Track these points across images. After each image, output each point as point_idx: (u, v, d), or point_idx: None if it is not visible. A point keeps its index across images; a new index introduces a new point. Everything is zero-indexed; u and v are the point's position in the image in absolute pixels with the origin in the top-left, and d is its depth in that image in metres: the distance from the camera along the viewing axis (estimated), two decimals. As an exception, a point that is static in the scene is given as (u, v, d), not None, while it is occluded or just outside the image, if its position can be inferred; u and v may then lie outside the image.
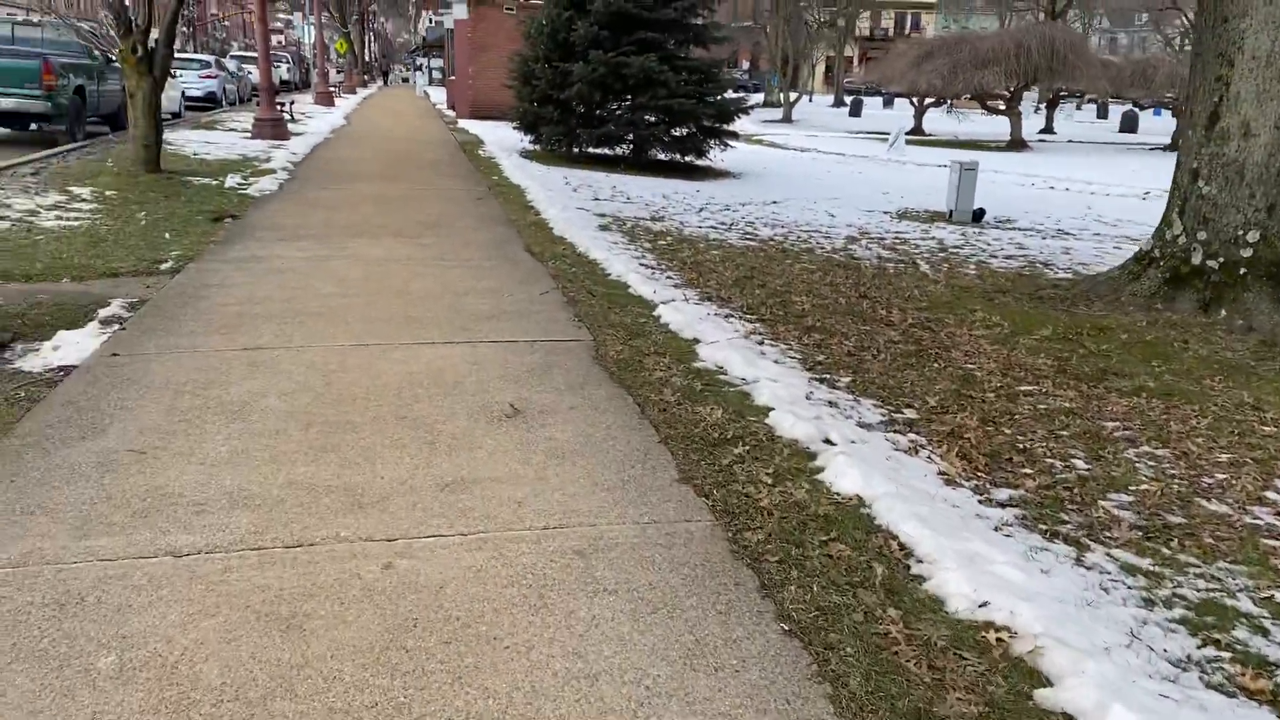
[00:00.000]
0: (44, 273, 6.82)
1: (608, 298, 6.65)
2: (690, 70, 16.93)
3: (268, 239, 8.37)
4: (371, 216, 9.75)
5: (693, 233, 10.31)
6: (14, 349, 5.17)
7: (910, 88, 30.09)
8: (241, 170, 12.82)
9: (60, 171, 11.34)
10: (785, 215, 12.58)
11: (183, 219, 9.09)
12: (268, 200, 10.62)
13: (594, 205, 11.77)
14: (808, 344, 5.91)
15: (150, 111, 11.12)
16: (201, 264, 7.26)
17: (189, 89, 26.57)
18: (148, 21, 10.86)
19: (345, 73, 54.02)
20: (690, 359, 5.31)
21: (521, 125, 18.29)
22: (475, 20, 27.38)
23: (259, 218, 9.48)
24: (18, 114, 14.66)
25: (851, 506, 3.57)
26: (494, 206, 10.97)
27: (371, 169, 14.22)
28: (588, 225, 9.92)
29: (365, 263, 7.47)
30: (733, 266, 8.37)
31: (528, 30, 18.21)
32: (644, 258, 8.48)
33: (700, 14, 17.64)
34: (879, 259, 9.48)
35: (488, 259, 7.88)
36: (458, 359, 5.09)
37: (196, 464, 3.68)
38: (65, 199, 9.61)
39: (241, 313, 5.86)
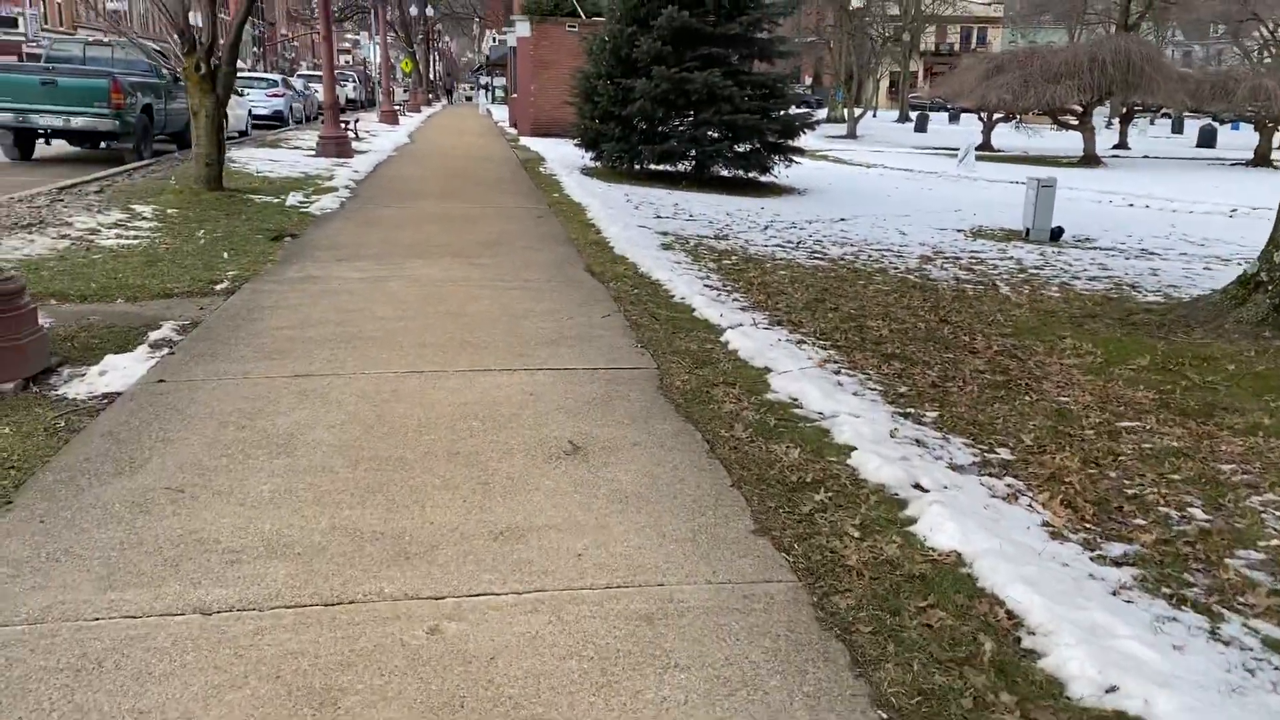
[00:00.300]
0: (99, 292, 6.71)
1: (672, 322, 6.33)
2: (755, 85, 16.62)
3: (326, 259, 8.20)
4: (431, 236, 9.57)
5: (759, 252, 9.96)
6: (61, 374, 5.01)
7: (980, 102, 29.40)
8: (304, 188, 12.77)
9: (124, 189, 11.37)
10: (854, 233, 12.17)
11: (242, 238, 8.98)
12: (328, 219, 10.50)
13: (656, 223, 11.48)
14: (888, 374, 5.52)
15: (213, 130, 11.10)
16: (257, 284, 7.10)
17: (256, 107, 26.91)
18: (212, 39, 10.84)
19: (410, 91, 54.64)
20: (762, 390, 4.96)
21: (583, 142, 18.10)
22: (537, 38, 27.36)
23: (318, 237, 9.35)
24: (87, 132, 14.84)
25: (950, 565, 3.20)
26: (554, 225, 10.73)
27: (432, 187, 14.11)
28: (650, 244, 9.63)
29: (422, 284, 7.25)
30: (802, 288, 8.01)
31: (590, 47, 18.05)
32: (709, 278, 8.15)
33: (766, 28, 17.32)
34: (956, 280, 9.04)
35: (547, 280, 7.62)
36: (515, 388, 4.80)
37: (236, 504, 3.43)
38: (126, 217, 9.58)
39: (294, 336, 5.65)
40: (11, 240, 8.12)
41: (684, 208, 13.38)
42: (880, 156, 28.98)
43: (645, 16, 16.66)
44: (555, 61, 27.22)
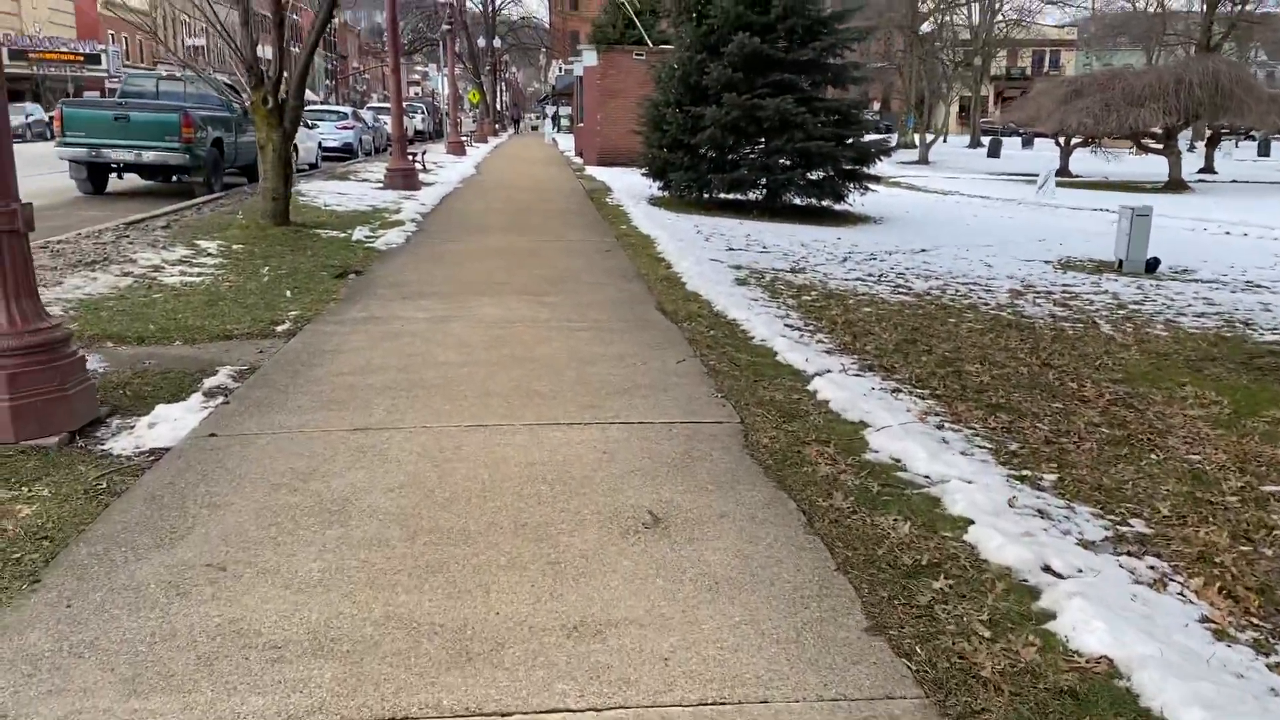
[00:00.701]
0: (157, 334, 6.49)
1: (753, 367, 5.89)
2: (828, 111, 16.19)
3: (389, 297, 7.94)
4: (496, 272, 9.27)
5: (839, 286, 9.49)
6: (109, 425, 4.74)
7: (1058, 127, 28.54)
8: (370, 222, 12.63)
9: (191, 224, 11.31)
10: (937, 265, 11.63)
11: (305, 275, 8.77)
12: (393, 254, 10.29)
13: (728, 256, 11.07)
14: (995, 428, 5.01)
15: (280, 164, 10.99)
16: (319, 326, 6.83)
17: (326, 140, 27.18)
18: (279, 73, 10.74)
19: (477, 122, 55.15)
20: (859, 449, 4.50)
21: (650, 172, 17.81)
22: (604, 67, 27.26)
23: (383, 273, 9.11)
24: (158, 166, 14.94)
25: (1102, 676, 2.70)
26: (622, 259, 10.38)
27: (498, 220, 13.88)
28: (723, 279, 9.22)
29: (487, 325, 6.92)
30: (890, 327, 7.51)
31: (658, 75, 17.80)
32: (788, 317, 7.70)
33: (839, 54, 16.88)
34: (1053, 317, 8.46)
35: (617, 320, 7.23)
36: (587, 445, 4.40)
37: (281, 587, 3.07)
38: (191, 253, 9.45)
39: (354, 384, 5.34)
40: (74, 278, 7.99)
41: (757, 239, 12.95)
42: (955, 183, 28.26)
43: (715, 44, 16.35)
44: (622, 90, 27.07)
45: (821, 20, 16.40)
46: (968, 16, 53.07)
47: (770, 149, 15.96)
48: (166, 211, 12.49)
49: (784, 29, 16.03)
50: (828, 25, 16.46)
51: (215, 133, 15.59)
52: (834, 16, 16.69)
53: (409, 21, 64.00)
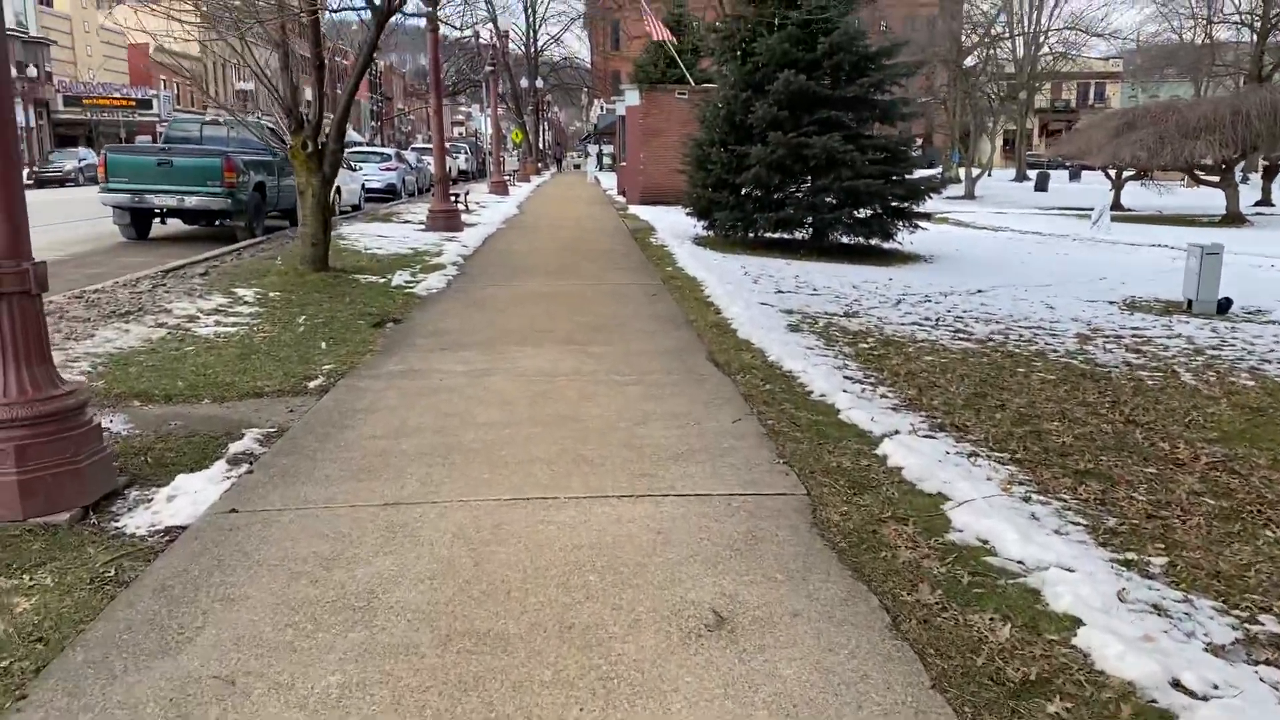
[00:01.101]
0: (185, 392, 6.20)
1: (815, 428, 5.46)
2: (876, 149, 15.76)
3: (428, 348, 7.62)
4: (538, 318, 8.94)
5: (896, 332, 9.04)
6: (126, 497, 4.43)
7: (1110, 160, 27.87)
8: (411, 266, 12.40)
9: (229, 271, 11.13)
10: (996, 307, 11.13)
11: (343, 324, 8.50)
12: (433, 300, 10.00)
13: (778, 299, 10.66)
14: (1087, 499, 4.53)
15: (319, 209, 10.79)
16: (353, 381, 6.51)
17: (369, 181, 27.23)
18: (319, 118, 10.57)
19: (520, 161, 55.43)
20: (941, 527, 4.05)
21: (695, 211, 17.49)
22: (647, 106, 27.11)
23: (422, 321, 8.81)
24: (201, 211, 14.87)
25: (1272, 839, 2.23)
26: (669, 304, 10.01)
27: (541, 262, 13.60)
28: (775, 325, 8.81)
29: (530, 378, 6.56)
30: (956, 378, 7.05)
31: (702, 114, 17.53)
32: (847, 367, 7.27)
33: (887, 90, 16.50)
34: (1128, 365, 7.94)
35: (667, 372, 6.84)
36: (639, 524, 4.00)
37: (295, 707, 2.69)
38: (227, 301, 9.23)
39: (387, 449, 4.98)
40: (106, 330, 7.77)
41: (806, 280, 12.53)
42: (1004, 218, 27.67)
43: (760, 81, 16.05)
44: (664, 129, 26.89)
45: (869, 56, 16.05)
46: (1011, 50, 52.56)
47: (817, 187, 15.57)
48: (206, 258, 12.35)
49: (830, 66, 15.70)
50: (875, 61, 16.11)
51: (258, 176, 15.52)
52: (882, 52, 16.33)
53: (453, 64, 64.79)
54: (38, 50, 51.93)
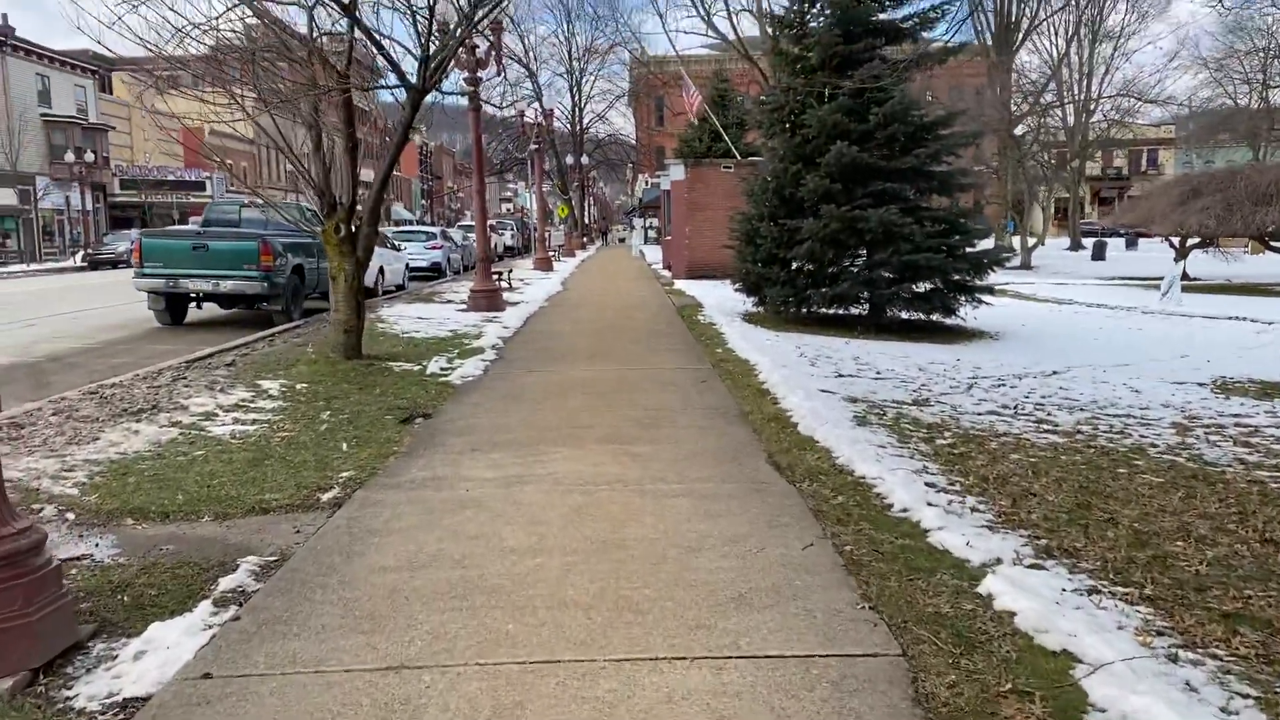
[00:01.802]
0: (184, 507, 5.55)
1: (902, 556, 4.64)
2: (934, 221, 15.04)
3: (457, 448, 6.92)
4: (579, 412, 8.22)
5: (973, 423, 8.20)
6: (89, 651, 3.74)
7: (1176, 228, 26.84)
8: (448, 350, 11.81)
9: (257, 361, 10.59)
10: (1078, 391, 10.24)
11: (369, 420, 7.85)
12: (468, 390, 9.35)
13: (840, 385, 9.87)
14: (1246, 655, 3.65)
15: (351, 294, 10.26)
16: (370, 492, 5.82)
17: (414, 260, 27.06)
18: (352, 200, 10.10)
19: (565, 235, 55.54)
20: (1076, 705, 3.20)
21: (744, 287, 16.83)
22: (692, 180, 26.71)
23: (453, 416, 8.14)
24: (236, 295, 14.50)
25: None
26: (721, 392, 9.26)
27: (584, 344, 12.96)
28: (840, 418, 8.01)
29: (567, 488, 5.81)
30: (1051, 482, 6.19)
31: (750, 188, 16.97)
32: (926, 470, 6.44)
33: (945, 160, 15.83)
34: (1241, 463, 7.01)
35: (721, 480, 6.06)
36: (696, 703, 3.20)
37: None
38: (250, 396, 8.65)
39: (397, 587, 4.25)
40: (113, 432, 7.19)
41: (868, 362, 11.73)
42: (1065, 289, 26.66)
43: (811, 154, 15.47)
44: (710, 204, 26.45)
45: (924, 126, 15.42)
46: (1062, 117, 51.87)
47: (873, 262, 14.84)
48: (236, 345, 11.87)
49: (884, 137, 15.08)
50: (931, 131, 15.48)
51: (296, 259, 15.17)
52: (938, 122, 15.70)
53: (500, 142, 65.61)
54: (96, 136, 53.30)
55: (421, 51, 9.65)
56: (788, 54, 16.53)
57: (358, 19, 9.49)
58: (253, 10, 9.63)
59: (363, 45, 10.16)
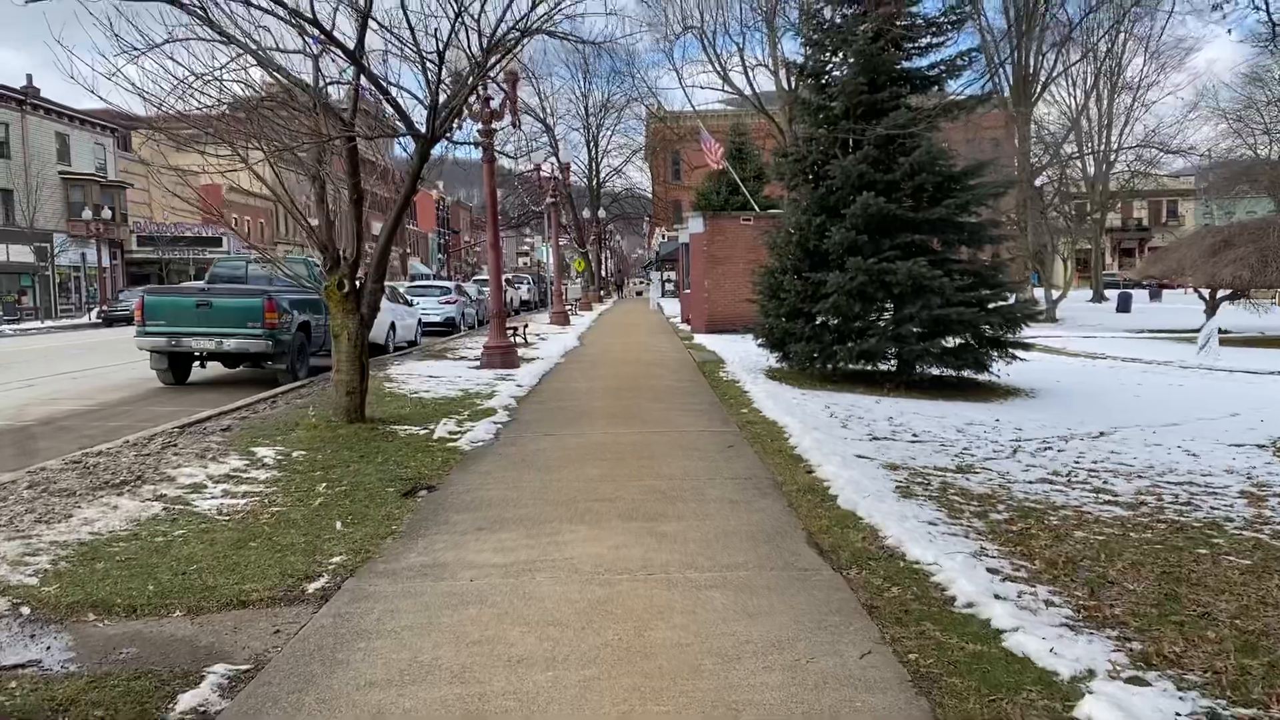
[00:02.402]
0: (154, 600, 4.92)
1: (977, 669, 3.95)
2: (962, 274, 14.44)
3: (462, 526, 6.28)
4: (596, 482, 7.58)
5: (1026, 493, 7.51)
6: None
7: (1209, 280, 26.13)
8: (458, 412, 11.20)
9: (255, 425, 10.01)
10: (1131, 455, 9.54)
11: (368, 493, 7.22)
12: (477, 457, 8.72)
13: (875, 449, 9.20)
14: None
15: (355, 354, 9.69)
16: (362, 581, 5.18)
17: (427, 315, 26.63)
18: (356, 254, 9.58)
19: (582, 289, 55.26)
20: None
21: (767, 342, 16.21)
22: (711, 233, 26.24)
23: (460, 487, 7.50)
24: (240, 354, 13.98)
25: None
26: (750, 459, 8.60)
27: (601, 404, 12.33)
28: (882, 488, 7.34)
29: (584, 579, 5.15)
30: (1128, 566, 5.49)
31: (772, 240, 16.42)
32: (984, 550, 5.75)
33: (974, 211, 15.26)
34: (1333, 540, 6.30)
35: (759, 567, 5.39)
36: None
37: None
38: (244, 464, 8.05)
39: (382, 710, 3.60)
40: (90, 509, 6.59)
41: (902, 422, 11.06)
42: (1094, 343, 25.93)
43: (835, 205, 14.94)
44: (729, 256, 25.97)
45: (952, 176, 14.89)
46: (1082, 168, 51.43)
47: (902, 316, 14.19)
48: (236, 408, 11.30)
49: (911, 187, 14.56)
50: (959, 181, 14.93)
51: (303, 316, 14.67)
52: (967, 172, 15.17)
53: (516, 196, 65.69)
54: (114, 193, 53.57)
55: (430, 99, 9.17)
56: (810, 103, 16.07)
57: (364, 66, 9.05)
58: (256, 59, 9.20)
59: (369, 94, 9.72)
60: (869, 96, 14.80)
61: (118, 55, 8.87)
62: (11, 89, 47.77)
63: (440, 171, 47.45)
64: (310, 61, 9.56)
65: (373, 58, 9.67)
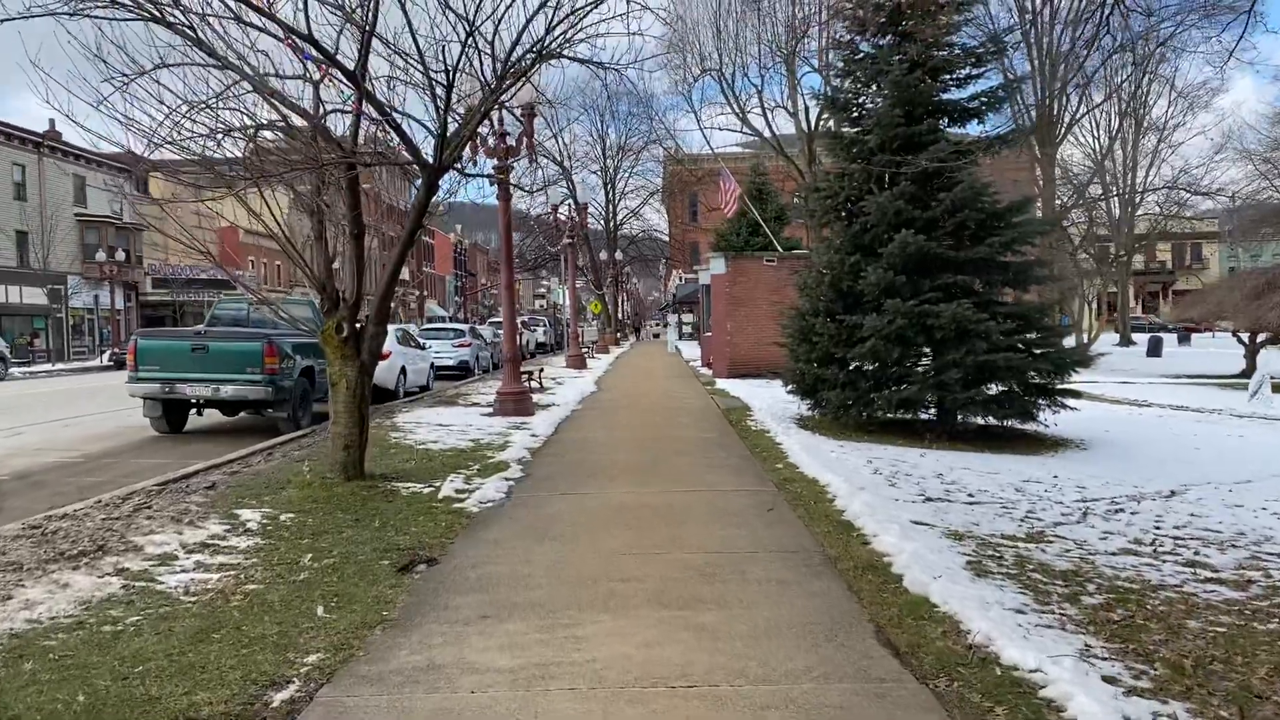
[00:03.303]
0: (82, 717, 3.99)
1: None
2: (1007, 316, 13.50)
3: (464, 613, 5.34)
4: (621, 556, 6.62)
5: (1111, 568, 6.52)
6: None
7: (1253, 324, 25.10)
8: (466, 466, 10.29)
9: (244, 482, 9.11)
10: (1213, 519, 8.56)
11: (359, 567, 6.30)
12: (486, 521, 7.77)
13: (932, 513, 8.23)
14: None
15: (354, 404, 8.82)
16: (339, 691, 4.24)
17: (441, 358, 25.83)
18: (356, 295, 8.74)
19: (599, 332, 54.49)
20: None
21: (798, 389, 15.25)
22: (734, 274, 25.37)
23: (465, 560, 6.56)
24: (238, 402, 13.14)
25: None
26: (794, 526, 7.63)
27: (623, 457, 11.39)
28: (950, 563, 6.36)
29: (609, 693, 4.18)
30: (1271, 672, 4.50)
31: (803, 281, 15.53)
32: (1089, 649, 4.77)
33: (1019, 249, 14.35)
34: None
35: (825, 676, 4.41)
36: None
37: None
38: (223, 530, 7.15)
39: None
40: (36, 587, 5.68)
41: (952, 480, 10.07)
42: (1134, 389, 24.81)
43: (871, 243, 14.08)
44: (752, 298, 25.08)
45: (996, 214, 14.01)
46: (1107, 210, 50.53)
47: (946, 362, 13.21)
48: (226, 461, 10.41)
49: (953, 224, 13.68)
50: (1003, 219, 14.04)
51: (305, 361, 13.84)
52: (1012, 208, 14.30)
53: (534, 238, 65.22)
54: (130, 235, 53.30)
55: (439, 126, 8.36)
56: (842, 137, 15.26)
57: (366, 89, 8.26)
58: (251, 84, 8.43)
59: (374, 124, 8.92)
60: (906, 129, 13.97)
61: (103, 81, 8.15)
62: (32, 132, 47.66)
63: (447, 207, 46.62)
64: (310, 89, 8.81)
65: (379, 86, 8.90)
